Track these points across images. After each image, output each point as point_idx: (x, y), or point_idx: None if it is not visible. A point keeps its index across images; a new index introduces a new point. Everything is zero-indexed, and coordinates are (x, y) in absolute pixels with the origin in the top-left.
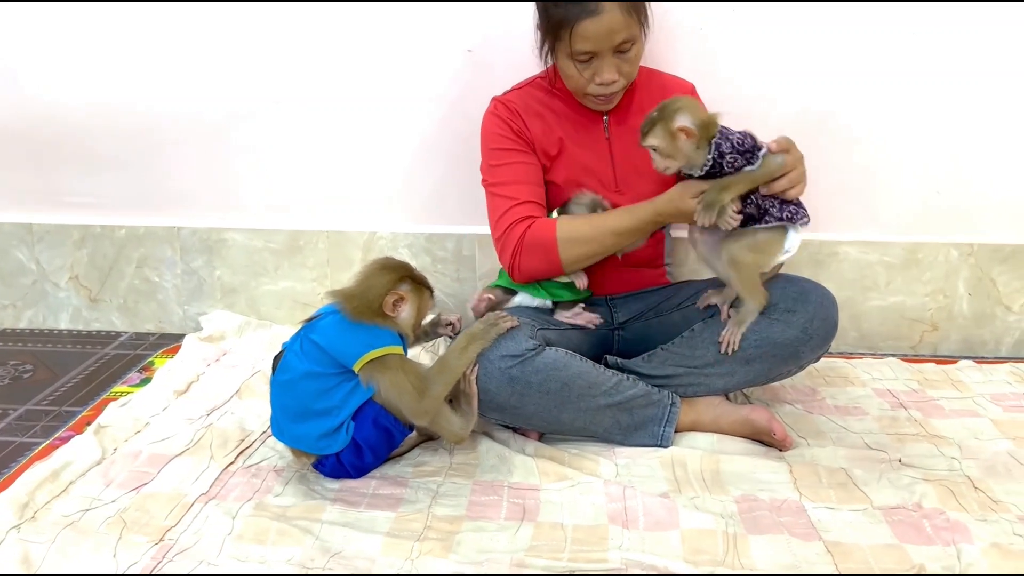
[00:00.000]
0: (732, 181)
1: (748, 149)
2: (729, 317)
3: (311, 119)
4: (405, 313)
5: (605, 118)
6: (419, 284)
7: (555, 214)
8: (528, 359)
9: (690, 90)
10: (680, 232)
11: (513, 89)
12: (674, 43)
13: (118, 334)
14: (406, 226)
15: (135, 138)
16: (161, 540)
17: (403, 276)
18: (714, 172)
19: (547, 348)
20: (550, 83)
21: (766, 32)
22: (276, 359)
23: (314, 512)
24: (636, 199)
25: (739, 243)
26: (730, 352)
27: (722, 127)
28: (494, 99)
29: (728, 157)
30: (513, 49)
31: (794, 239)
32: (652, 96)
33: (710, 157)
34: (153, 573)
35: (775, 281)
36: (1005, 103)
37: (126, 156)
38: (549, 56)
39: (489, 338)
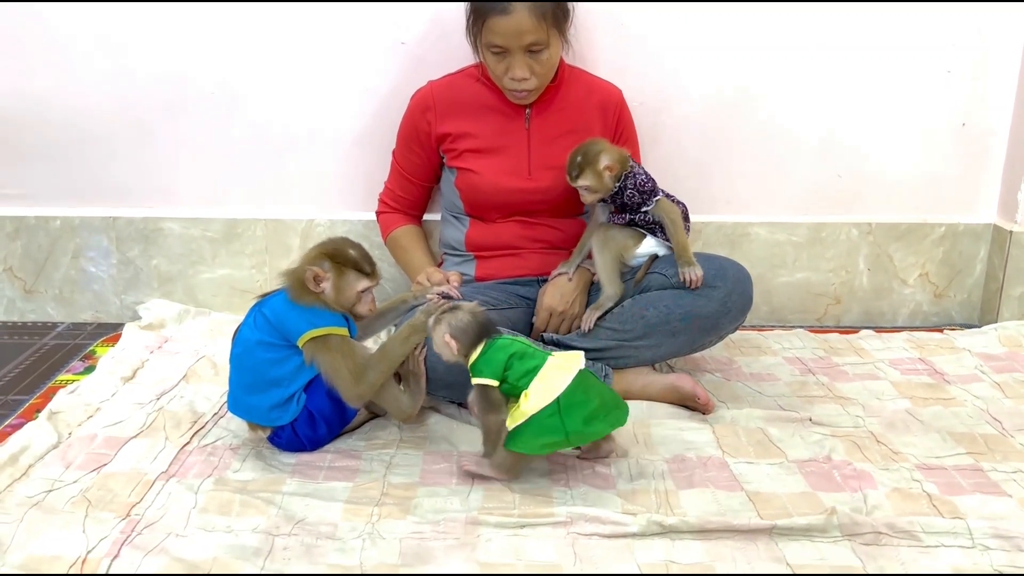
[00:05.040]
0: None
1: (647, 191)
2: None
3: (248, 108)
4: (327, 290)
5: (527, 110)
6: (341, 264)
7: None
8: None
9: (618, 95)
10: None
11: (446, 76)
12: (593, 34)
13: (55, 324)
14: (344, 213)
15: (68, 128)
16: (128, 515)
17: (322, 254)
18: (616, 199)
19: None
20: (480, 73)
21: (680, 26)
22: (235, 333)
23: (274, 485)
24: (546, 187)
25: (609, 233)
26: (586, 330)
27: (632, 164)
28: (425, 85)
29: (628, 192)
30: (444, 43)
31: (649, 244)
32: (577, 94)
33: (617, 186)
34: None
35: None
36: (901, 95)
37: (59, 147)
38: (476, 45)
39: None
